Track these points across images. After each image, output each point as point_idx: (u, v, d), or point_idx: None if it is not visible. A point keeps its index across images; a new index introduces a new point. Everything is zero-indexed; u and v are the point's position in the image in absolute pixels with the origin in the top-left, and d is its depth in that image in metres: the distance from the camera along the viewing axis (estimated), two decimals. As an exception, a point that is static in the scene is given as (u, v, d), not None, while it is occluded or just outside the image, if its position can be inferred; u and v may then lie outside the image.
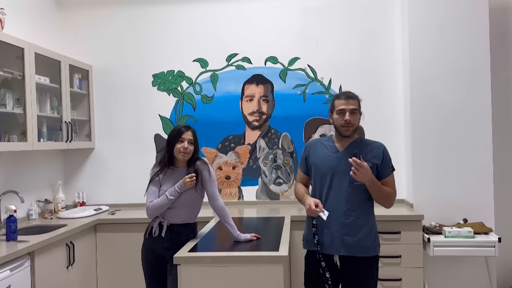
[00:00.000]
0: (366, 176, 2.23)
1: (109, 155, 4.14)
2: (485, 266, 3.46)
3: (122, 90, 4.13)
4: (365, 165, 2.21)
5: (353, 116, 2.32)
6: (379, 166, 2.35)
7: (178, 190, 2.54)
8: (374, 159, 2.34)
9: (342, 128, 2.33)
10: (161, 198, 2.55)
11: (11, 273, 2.51)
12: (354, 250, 2.31)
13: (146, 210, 2.60)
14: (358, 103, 2.36)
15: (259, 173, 4.02)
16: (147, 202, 2.59)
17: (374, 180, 2.27)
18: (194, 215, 2.69)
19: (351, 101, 2.33)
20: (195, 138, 2.64)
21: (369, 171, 2.23)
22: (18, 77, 3.12)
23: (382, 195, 2.34)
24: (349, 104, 2.32)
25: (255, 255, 2.25)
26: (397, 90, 3.86)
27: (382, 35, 3.89)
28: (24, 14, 3.62)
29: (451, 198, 3.50)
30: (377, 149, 2.38)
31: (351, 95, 2.36)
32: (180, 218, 2.61)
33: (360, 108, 2.38)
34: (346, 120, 2.30)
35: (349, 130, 2.33)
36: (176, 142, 2.58)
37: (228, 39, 4.03)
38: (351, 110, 2.31)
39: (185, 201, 2.59)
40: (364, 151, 2.32)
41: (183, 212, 2.61)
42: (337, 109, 2.34)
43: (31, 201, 3.60)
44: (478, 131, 3.50)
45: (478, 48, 3.50)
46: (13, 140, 3.12)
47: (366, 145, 2.40)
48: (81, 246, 3.32)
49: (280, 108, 4.00)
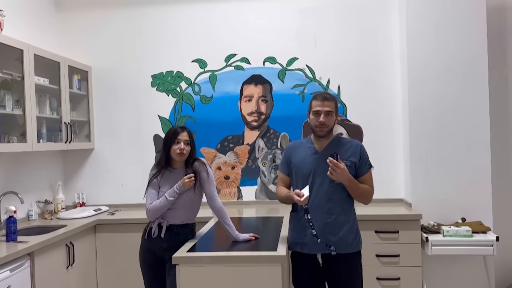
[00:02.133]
0: (343, 176, 2.28)
1: (109, 156, 4.15)
2: (483, 265, 3.47)
3: (121, 90, 4.14)
4: (342, 165, 2.25)
5: (328, 118, 2.37)
6: (357, 164, 2.40)
7: (177, 191, 2.55)
8: (352, 157, 2.40)
9: (317, 129, 2.40)
10: (160, 200, 2.56)
11: (11, 273, 2.53)
12: (338, 248, 2.34)
13: (146, 212, 2.60)
14: (334, 105, 2.41)
15: (258, 173, 4.03)
16: (147, 204, 2.60)
17: (351, 179, 2.33)
18: (193, 216, 2.70)
19: (327, 103, 2.38)
20: (191, 138, 2.64)
21: (345, 171, 2.27)
22: (18, 78, 3.13)
23: (360, 193, 2.39)
24: (325, 106, 2.37)
25: (253, 255, 2.26)
26: (395, 88, 3.87)
27: (380, 33, 3.90)
28: (23, 16, 3.63)
29: (449, 197, 3.51)
30: (354, 147, 2.43)
31: (327, 97, 2.41)
32: (180, 218, 2.62)
33: (336, 110, 2.43)
34: (321, 122, 2.37)
35: (323, 130, 2.39)
36: (172, 143, 2.59)
37: (227, 40, 4.05)
38: (326, 111, 2.37)
39: (185, 202, 2.59)
40: (342, 150, 2.40)
41: (183, 213, 2.62)
42: (313, 110, 2.41)
43: (31, 202, 3.61)
44: (476, 130, 3.51)
45: (476, 46, 3.51)
46: (13, 141, 3.13)
47: (344, 144, 2.45)
48: (81, 247, 3.33)
49: (278, 108, 4.01)
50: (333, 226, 2.35)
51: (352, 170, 2.37)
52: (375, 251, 3.32)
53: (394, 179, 3.86)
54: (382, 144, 3.87)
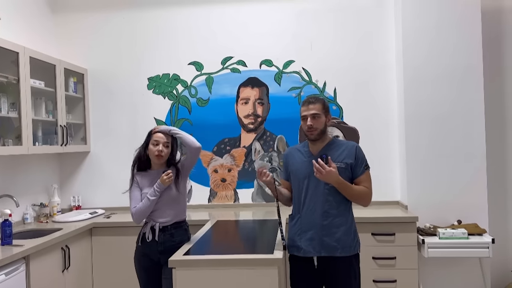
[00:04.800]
0: (331, 178, 2.28)
1: (105, 159, 4.14)
2: (479, 267, 3.48)
3: (117, 93, 4.14)
4: (328, 168, 2.25)
5: (315, 120, 2.38)
6: (352, 165, 2.40)
7: (158, 190, 2.55)
8: (347, 159, 2.40)
9: (308, 133, 2.42)
10: (143, 202, 2.56)
11: (6, 277, 2.51)
12: (334, 250, 2.35)
13: (131, 216, 2.59)
14: (321, 107, 2.42)
15: (254, 175, 4.03)
16: (131, 208, 2.59)
17: (341, 181, 2.32)
18: (181, 212, 2.69)
19: (311, 106, 2.40)
20: (173, 142, 2.65)
21: (333, 172, 2.27)
22: (13, 81, 3.12)
23: (354, 194, 2.38)
24: (310, 110, 2.40)
25: (250, 258, 2.26)
26: (392, 92, 3.89)
27: (376, 37, 3.92)
28: (18, 18, 3.62)
29: (445, 199, 3.52)
30: (349, 149, 2.44)
31: (312, 101, 2.43)
32: (169, 217, 2.61)
33: (325, 111, 2.44)
34: (308, 125, 2.39)
35: (313, 134, 2.40)
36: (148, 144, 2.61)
37: (223, 42, 4.05)
38: (311, 115, 2.39)
39: (168, 199, 2.59)
40: (337, 153, 2.41)
41: (170, 211, 2.61)
42: (301, 116, 2.44)
43: (26, 205, 3.59)
44: (472, 133, 3.53)
45: (471, 50, 3.53)
46: (8, 144, 3.12)
47: (339, 146, 2.46)
48: (76, 250, 3.31)
49: (275, 110, 4.01)
50: (329, 229, 2.35)
51: (347, 172, 2.38)
52: (372, 254, 3.32)
53: (390, 182, 3.87)
54: (378, 146, 3.88)
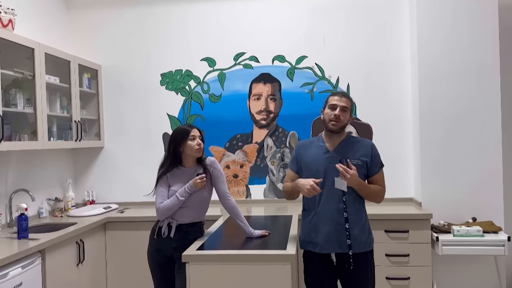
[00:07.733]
0: (353, 181, 2.28)
1: (118, 154, 4.18)
2: (495, 265, 3.43)
3: (130, 89, 4.17)
4: (351, 171, 2.25)
5: (343, 113, 2.37)
6: (368, 163, 2.40)
7: (189, 191, 2.55)
8: (363, 157, 2.39)
9: (330, 123, 2.37)
10: (171, 200, 2.55)
11: (22, 270, 2.55)
12: (351, 247, 2.34)
13: (156, 211, 2.59)
14: (350, 103, 2.42)
15: (266, 171, 4.03)
16: (157, 203, 2.59)
17: (361, 183, 2.34)
18: (202, 214, 2.71)
19: (344, 99, 2.39)
20: (202, 135, 2.68)
21: (355, 175, 2.27)
22: (29, 77, 3.15)
23: (370, 194, 2.40)
24: (342, 101, 2.37)
25: (263, 254, 2.26)
26: (406, 88, 3.84)
27: (390, 32, 3.87)
28: (34, 15, 3.66)
29: (459, 196, 3.48)
30: (366, 147, 2.43)
31: (346, 95, 2.43)
32: (190, 217, 2.62)
33: (351, 110, 2.43)
34: (336, 115, 2.35)
35: (337, 125, 2.37)
36: (186, 140, 2.58)
37: (236, 38, 4.04)
38: (342, 107, 2.36)
39: (196, 201, 2.60)
40: (353, 150, 2.39)
41: (193, 212, 2.62)
42: (330, 104, 2.40)
43: (41, 200, 3.64)
44: (487, 129, 3.47)
45: (487, 45, 3.47)
46: (24, 139, 3.16)
47: (355, 143, 2.44)
48: (90, 244, 3.35)
49: (287, 106, 4.00)
50: (345, 225, 2.34)
51: (363, 169, 2.38)
52: (385, 251, 3.30)
53: (404, 178, 3.84)
54: (392, 142, 3.84)
